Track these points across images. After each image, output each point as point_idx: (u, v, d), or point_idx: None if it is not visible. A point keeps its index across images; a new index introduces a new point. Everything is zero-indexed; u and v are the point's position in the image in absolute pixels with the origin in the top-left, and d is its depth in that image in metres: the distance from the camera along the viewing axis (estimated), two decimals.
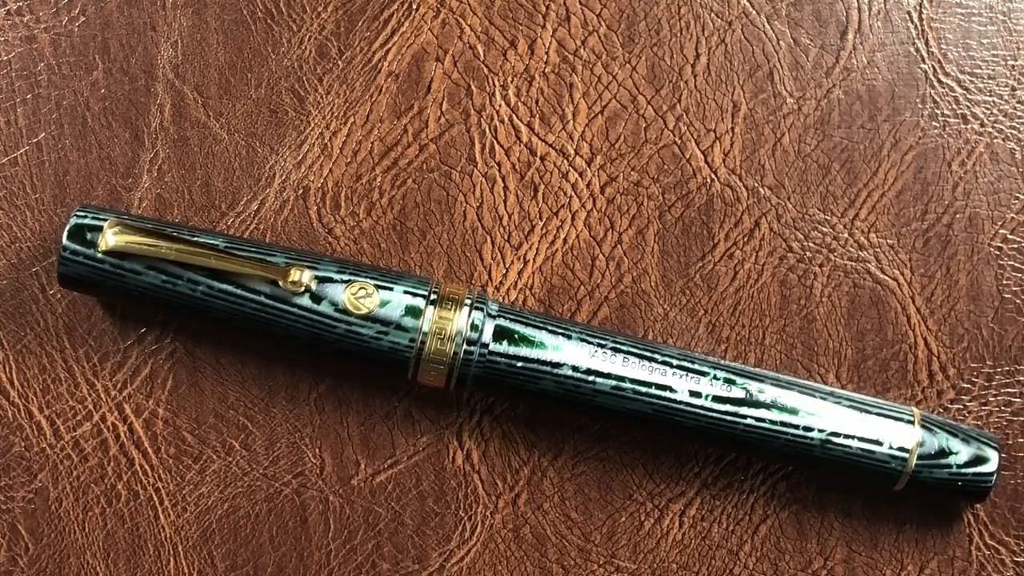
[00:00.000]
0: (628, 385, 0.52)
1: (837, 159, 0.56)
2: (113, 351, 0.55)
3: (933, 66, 0.56)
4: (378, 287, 0.52)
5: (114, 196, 0.56)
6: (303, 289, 0.51)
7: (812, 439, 0.52)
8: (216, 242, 0.52)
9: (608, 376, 0.52)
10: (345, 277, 0.52)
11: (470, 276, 0.56)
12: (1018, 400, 0.56)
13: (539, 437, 0.56)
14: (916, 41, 0.56)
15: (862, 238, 0.56)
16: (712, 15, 0.56)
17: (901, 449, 0.52)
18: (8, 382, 0.55)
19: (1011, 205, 0.56)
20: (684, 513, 0.56)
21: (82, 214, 0.52)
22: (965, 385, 0.56)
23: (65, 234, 0.51)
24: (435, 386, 0.53)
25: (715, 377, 0.52)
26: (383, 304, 0.52)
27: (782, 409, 0.52)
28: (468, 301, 0.52)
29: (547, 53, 0.56)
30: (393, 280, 0.52)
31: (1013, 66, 0.56)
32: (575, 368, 0.52)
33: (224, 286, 0.51)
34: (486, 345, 0.52)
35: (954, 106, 0.56)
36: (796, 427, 0.52)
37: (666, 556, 0.55)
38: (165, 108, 0.56)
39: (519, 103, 0.56)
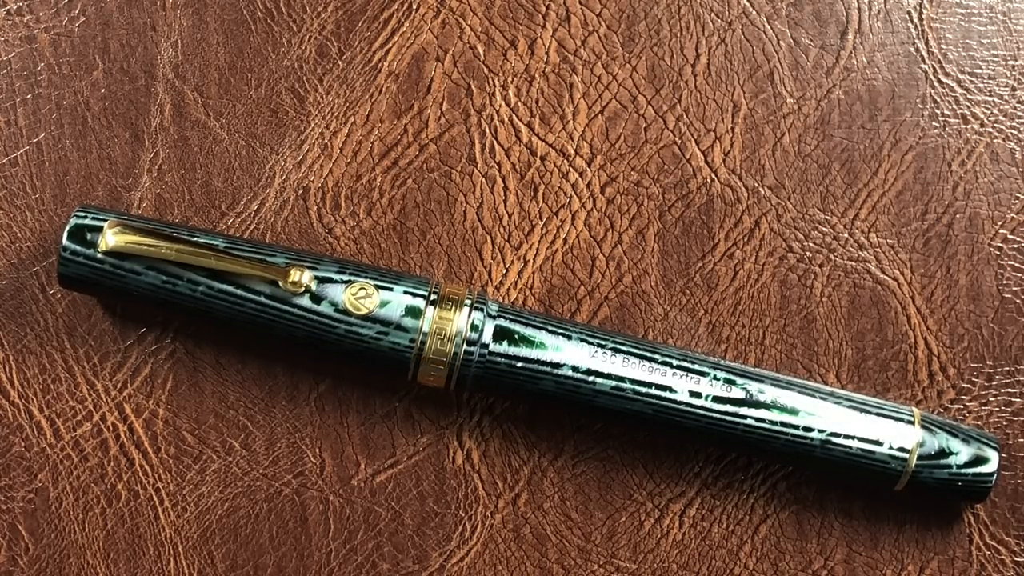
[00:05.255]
0: (628, 385, 0.52)
1: (837, 159, 0.56)
2: (113, 351, 0.55)
3: (933, 66, 0.56)
4: (378, 287, 0.52)
5: (114, 196, 0.56)
6: (303, 289, 0.51)
7: (812, 439, 0.52)
8: (216, 242, 0.52)
9: (608, 376, 0.52)
10: (345, 277, 0.52)
11: (470, 276, 0.56)
12: (1018, 400, 0.56)
13: (539, 437, 0.56)
14: (916, 41, 0.56)
15: (862, 238, 0.56)
16: (712, 15, 0.56)
17: (901, 449, 0.52)
18: (8, 382, 0.55)
19: (1011, 205, 0.56)
20: (684, 513, 0.56)
21: (82, 214, 0.52)
22: (965, 385, 0.56)
23: (65, 234, 0.51)
24: (435, 386, 0.53)
25: (715, 377, 0.52)
26: (383, 304, 0.52)
27: (782, 409, 0.52)
28: (468, 301, 0.52)
29: (547, 53, 0.56)
30: (393, 280, 0.52)
31: (1013, 66, 0.56)
32: (575, 368, 0.52)
33: (224, 286, 0.51)
34: (486, 345, 0.52)
35: (954, 106, 0.56)
36: (796, 427, 0.52)
37: (666, 556, 0.55)
38: (165, 108, 0.56)
39: (519, 103, 0.56)
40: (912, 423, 0.53)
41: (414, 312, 0.52)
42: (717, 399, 0.52)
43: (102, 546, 0.55)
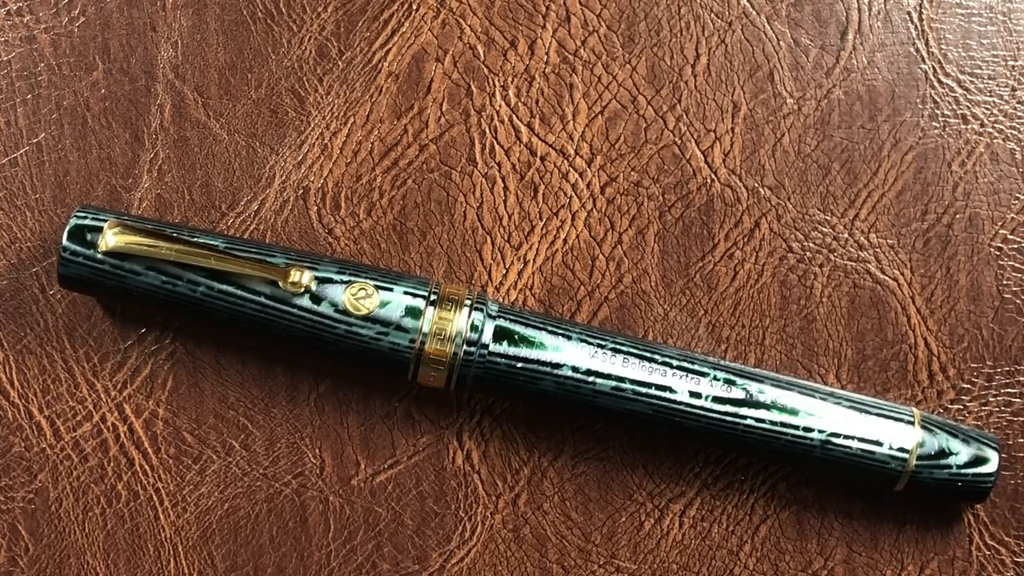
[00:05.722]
0: (628, 386, 0.52)
1: (837, 159, 0.56)
2: (113, 351, 0.55)
3: (933, 66, 0.56)
4: (378, 288, 0.52)
5: (114, 196, 0.56)
6: (303, 290, 0.51)
7: (812, 439, 0.52)
8: (216, 243, 0.52)
9: (608, 377, 0.52)
10: (345, 278, 0.52)
11: (470, 276, 0.56)
12: (1018, 400, 0.56)
13: (539, 437, 0.56)
14: (916, 41, 0.56)
15: (862, 238, 0.56)
16: (712, 15, 0.56)
17: (901, 449, 0.52)
18: (8, 382, 0.55)
19: (1011, 205, 0.56)
20: (684, 513, 0.56)
21: (82, 215, 0.52)
22: (965, 385, 0.56)
23: (65, 235, 0.51)
24: (435, 387, 0.53)
25: (715, 378, 0.52)
26: (383, 305, 0.52)
27: (782, 410, 0.52)
28: (468, 302, 0.52)
29: (547, 53, 0.56)
30: (393, 281, 0.52)
31: (1013, 66, 0.56)
32: (575, 369, 0.52)
33: (224, 287, 0.51)
34: (486, 346, 0.52)
35: (954, 106, 0.56)
36: (796, 428, 0.52)
37: (666, 556, 0.55)
38: (165, 108, 0.56)
39: (519, 103, 0.56)
40: (912, 423, 0.53)
41: (414, 312, 0.52)
42: (717, 399, 0.52)
43: (102, 546, 0.55)
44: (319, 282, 0.52)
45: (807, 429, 0.52)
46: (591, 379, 0.52)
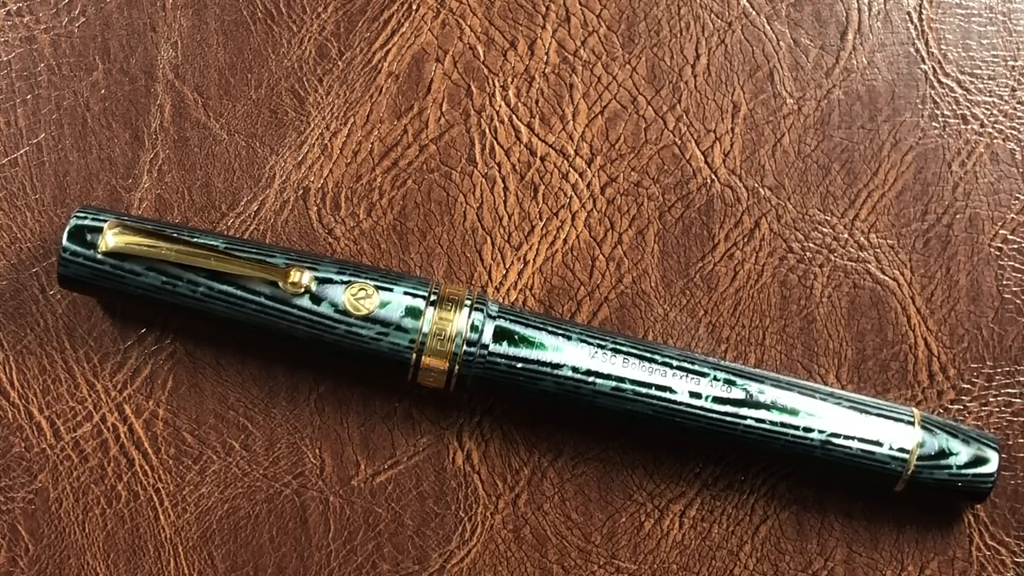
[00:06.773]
0: (628, 386, 0.52)
1: (837, 159, 0.56)
2: (113, 352, 0.55)
3: (933, 66, 0.56)
4: (378, 288, 0.52)
5: (114, 197, 0.56)
6: (303, 290, 0.51)
7: (812, 440, 0.52)
8: (216, 243, 0.52)
9: (608, 377, 0.52)
10: (345, 278, 0.52)
11: (470, 277, 0.56)
12: (1018, 400, 0.56)
13: (539, 437, 0.56)
14: (916, 41, 0.56)
15: (862, 238, 0.56)
16: (712, 16, 0.56)
17: (901, 450, 0.52)
18: (8, 383, 0.55)
19: (1011, 205, 0.56)
20: (684, 514, 0.56)
21: (82, 215, 0.52)
22: (965, 386, 0.56)
23: (65, 235, 0.51)
24: (435, 387, 0.53)
25: (715, 378, 0.52)
26: (383, 305, 0.52)
27: (782, 410, 0.52)
28: (468, 302, 0.52)
29: (547, 53, 0.56)
30: (393, 281, 0.52)
31: (1013, 66, 0.56)
32: (575, 369, 0.52)
33: (224, 287, 0.51)
34: (486, 346, 0.52)
35: (954, 107, 0.56)
36: (796, 428, 0.52)
37: (666, 557, 0.55)
38: (165, 109, 0.56)
39: (519, 103, 0.56)
40: (912, 424, 0.53)
41: (414, 313, 0.52)
42: (717, 400, 0.52)
43: (102, 547, 0.55)
44: (319, 282, 0.52)
45: (807, 429, 0.52)
46: (591, 379, 0.52)
